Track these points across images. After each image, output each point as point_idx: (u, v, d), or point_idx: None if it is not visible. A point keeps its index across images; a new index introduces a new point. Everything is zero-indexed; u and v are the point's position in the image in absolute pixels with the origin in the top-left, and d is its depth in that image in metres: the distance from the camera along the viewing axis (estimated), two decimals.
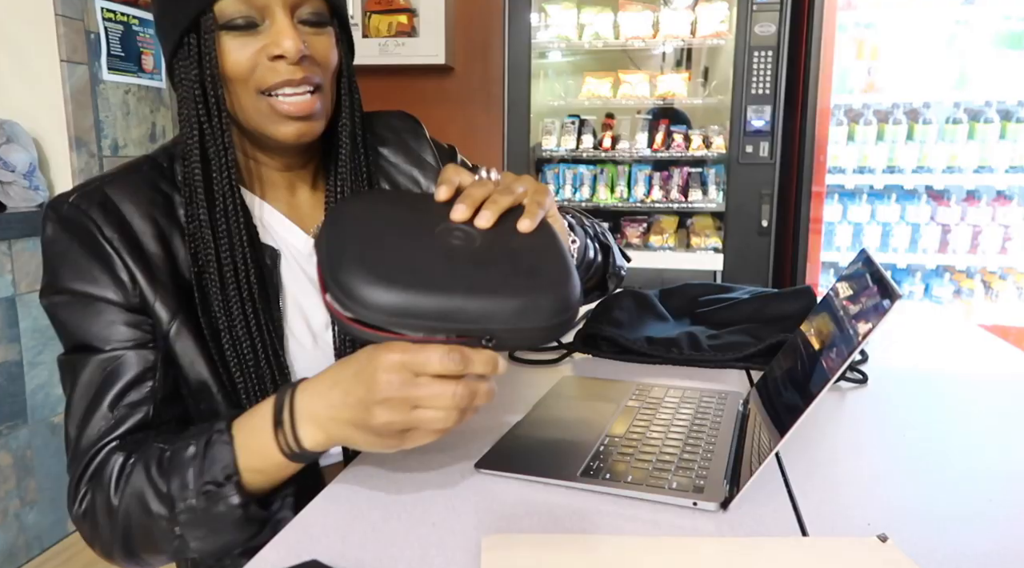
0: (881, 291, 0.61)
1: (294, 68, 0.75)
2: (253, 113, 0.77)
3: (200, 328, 0.75)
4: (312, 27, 0.77)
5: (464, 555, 0.55)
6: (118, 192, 0.76)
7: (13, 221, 1.97)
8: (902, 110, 2.80)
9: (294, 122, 0.77)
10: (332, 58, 0.79)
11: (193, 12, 0.73)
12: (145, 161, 0.81)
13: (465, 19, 3.15)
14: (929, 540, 0.57)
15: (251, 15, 0.74)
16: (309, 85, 0.76)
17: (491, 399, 0.59)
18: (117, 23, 2.35)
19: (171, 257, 0.76)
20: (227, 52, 0.74)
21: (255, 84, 0.75)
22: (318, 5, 0.77)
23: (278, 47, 0.73)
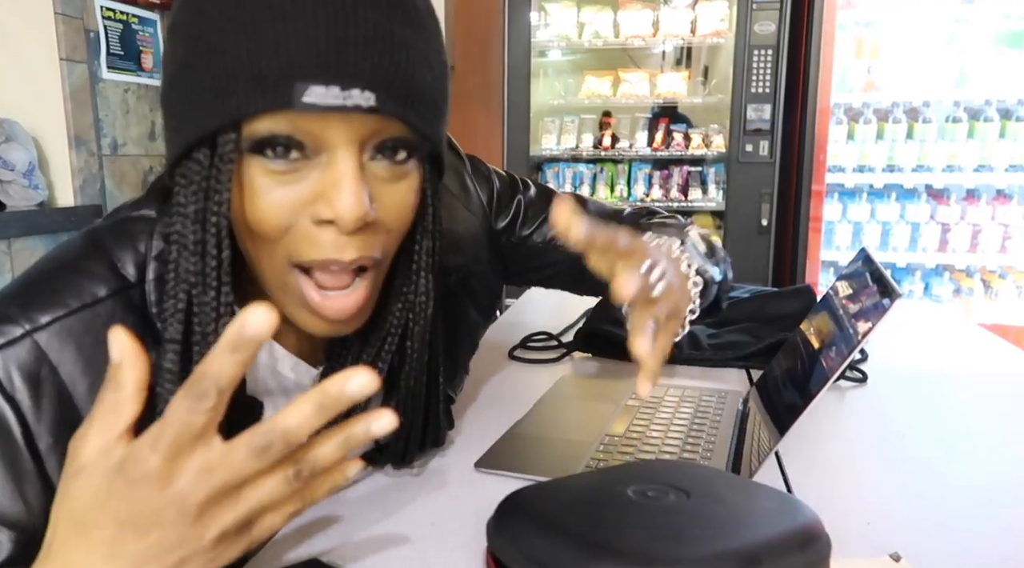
0: (881, 290, 0.61)
1: (347, 239, 0.50)
2: (275, 285, 0.53)
3: None
4: (390, 165, 0.51)
5: (464, 555, 0.55)
6: (57, 346, 0.51)
7: (12, 220, 1.97)
8: (902, 109, 2.80)
9: (327, 321, 0.54)
10: (408, 216, 0.54)
11: (213, 123, 0.47)
12: (98, 267, 0.54)
13: (465, 18, 3.15)
14: (929, 540, 0.57)
15: (297, 138, 0.48)
16: (362, 266, 0.52)
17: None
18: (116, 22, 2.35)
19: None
20: (252, 191, 0.49)
21: (285, 252, 0.51)
22: (404, 132, 0.50)
23: (329, 206, 0.48)
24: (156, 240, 0.56)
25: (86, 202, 2.23)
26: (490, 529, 0.51)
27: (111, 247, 0.55)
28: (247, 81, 0.46)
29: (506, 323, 1.31)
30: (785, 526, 0.48)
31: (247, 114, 0.47)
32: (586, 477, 0.60)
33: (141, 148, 2.49)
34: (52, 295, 0.52)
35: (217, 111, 0.47)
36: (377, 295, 0.57)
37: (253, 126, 0.47)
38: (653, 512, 0.49)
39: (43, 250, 2.05)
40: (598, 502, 0.51)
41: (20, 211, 2.02)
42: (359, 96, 0.46)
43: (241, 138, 0.48)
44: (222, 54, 0.47)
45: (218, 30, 0.47)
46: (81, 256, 0.55)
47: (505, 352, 1.10)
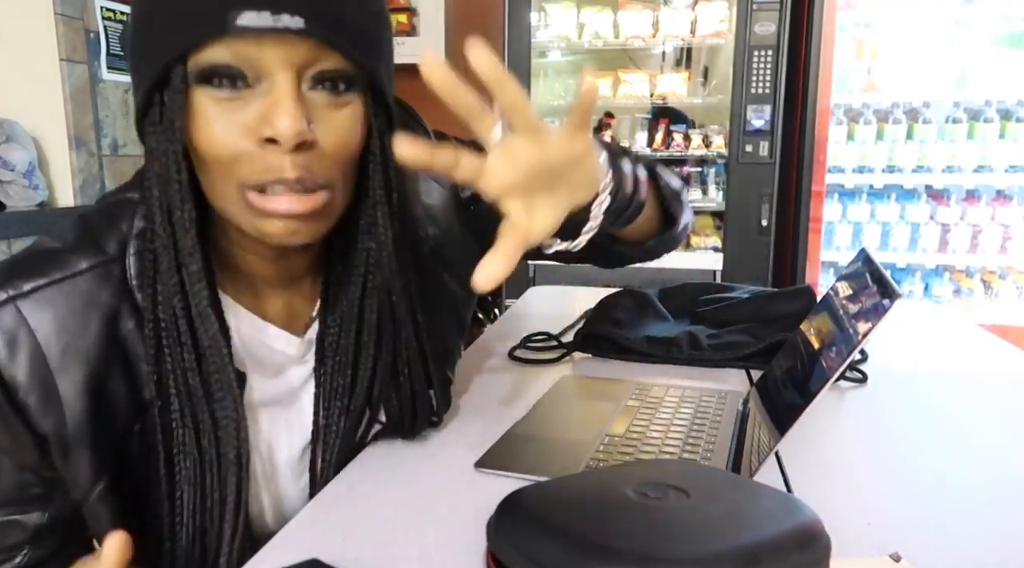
0: (881, 290, 0.61)
1: (290, 159, 0.53)
2: (231, 206, 0.56)
3: (125, 493, 0.60)
4: (330, 94, 0.55)
5: (464, 554, 0.55)
6: (37, 313, 0.56)
7: (12, 220, 1.97)
8: (902, 110, 2.80)
9: (284, 220, 0.56)
10: (351, 143, 0.57)
11: (162, 61, 0.52)
12: (83, 245, 0.59)
13: (465, 18, 3.15)
14: (929, 540, 0.57)
15: (240, 69, 0.52)
16: (307, 187, 0.55)
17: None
18: (116, 22, 2.35)
19: (100, 405, 0.58)
20: (200, 119, 0.53)
21: (237, 175, 0.54)
22: (341, 63, 0.54)
23: (270, 125, 0.52)
24: (137, 220, 0.60)
25: (86, 202, 2.23)
26: (490, 529, 0.51)
27: (96, 226, 0.60)
28: (189, 16, 0.51)
29: (506, 323, 1.31)
30: (785, 526, 0.48)
31: (191, 45, 0.51)
32: (586, 477, 0.60)
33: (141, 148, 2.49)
34: (37, 267, 0.57)
35: (165, 47, 0.52)
36: (335, 218, 0.60)
37: (198, 58, 0.52)
38: (653, 512, 0.49)
39: None
40: (598, 502, 0.51)
41: (20, 211, 2.02)
42: (288, 20, 0.51)
43: (188, 72, 0.52)
44: (165, 1, 0.53)
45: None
46: (68, 236, 0.60)
47: (505, 352, 1.10)
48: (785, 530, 0.47)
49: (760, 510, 0.50)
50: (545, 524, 0.48)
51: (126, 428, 0.59)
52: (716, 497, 0.51)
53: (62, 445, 0.57)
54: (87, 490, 0.58)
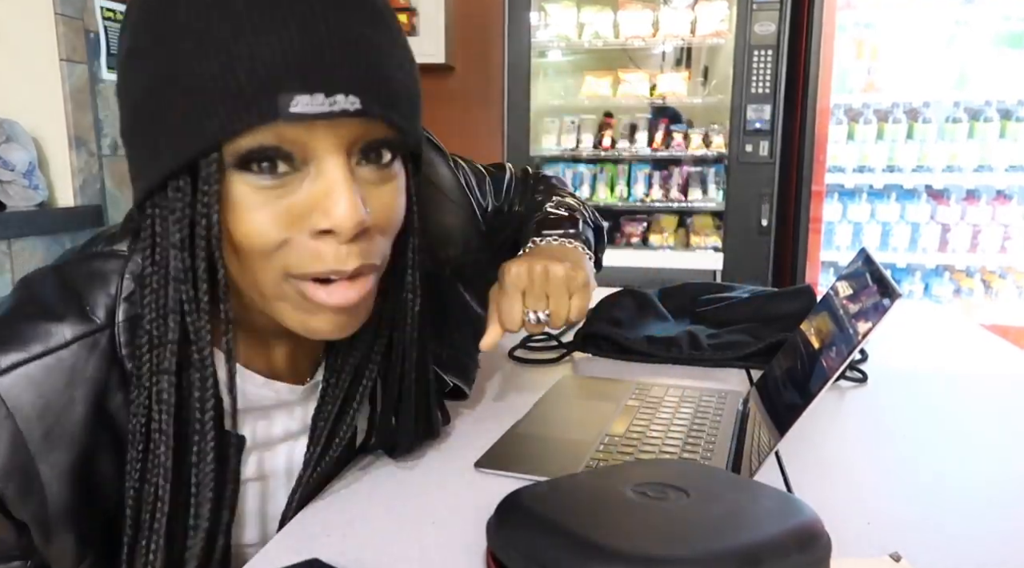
0: (881, 290, 0.61)
1: (346, 249, 0.49)
2: (271, 298, 0.52)
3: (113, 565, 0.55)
4: (376, 168, 0.51)
5: (464, 554, 0.55)
6: (16, 391, 0.50)
7: (12, 220, 1.97)
8: (902, 109, 2.80)
9: (333, 314, 0.52)
10: (399, 217, 0.54)
11: (194, 147, 0.46)
12: (67, 311, 0.53)
13: (465, 18, 3.15)
14: (929, 540, 0.57)
15: (284, 149, 0.47)
16: (364, 274, 0.52)
17: None
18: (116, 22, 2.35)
19: (86, 489, 0.53)
20: (240, 208, 0.48)
21: (281, 266, 0.50)
22: (387, 132, 0.50)
23: (326, 216, 0.48)
24: (127, 280, 0.55)
25: (86, 203, 2.23)
26: (490, 529, 0.51)
27: (81, 288, 0.54)
28: (227, 99, 0.45)
29: None
30: (785, 526, 0.48)
31: (233, 133, 0.45)
32: (586, 477, 0.60)
33: None
34: (17, 339, 0.51)
35: (198, 134, 0.46)
36: (375, 292, 0.57)
37: (237, 143, 0.46)
38: (653, 512, 0.49)
39: (43, 250, 2.04)
40: (598, 502, 0.51)
41: (20, 211, 2.02)
42: (344, 101, 0.46)
43: (223, 158, 0.46)
44: (194, 75, 0.45)
45: (184, 53, 0.45)
46: (51, 297, 0.54)
47: (505, 352, 1.10)
48: (785, 530, 0.47)
49: (760, 510, 0.50)
50: (545, 524, 0.48)
51: (114, 506, 0.54)
52: (716, 497, 0.51)
53: (43, 530, 0.52)
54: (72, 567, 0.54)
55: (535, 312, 0.74)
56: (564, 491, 0.54)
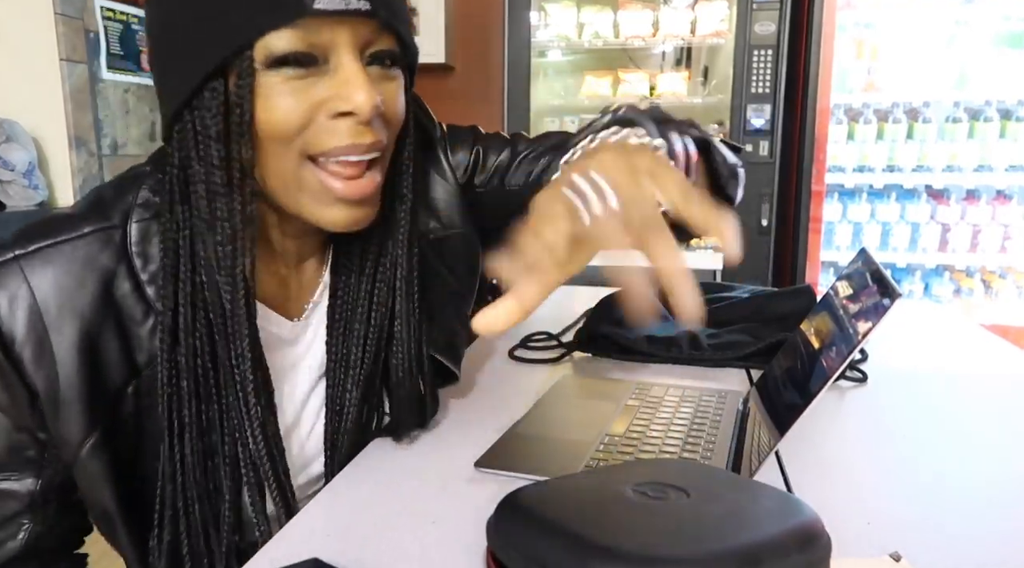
0: (881, 290, 0.61)
1: (363, 129, 0.58)
2: (292, 186, 0.59)
3: (116, 450, 0.61)
4: (382, 68, 0.60)
5: (464, 554, 0.55)
6: (39, 272, 0.59)
7: (12, 220, 1.97)
8: (902, 109, 2.80)
9: (347, 207, 0.60)
10: (401, 110, 0.63)
11: (230, 46, 0.53)
12: (89, 212, 0.62)
13: (465, 18, 3.15)
14: (929, 540, 0.57)
15: (310, 52, 0.55)
16: (376, 152, 0.60)
17: None
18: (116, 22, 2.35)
19: (93, 363, 0.60)
20: (270, 100, 0.55)
21: (302, 147, 0.57)
22: (391, 43, 0.60)
23: (346, 100, 0.56)
24: (144, 190, 0.63)
25: None
26: (490, 529, 0.51)
27: (106, 196, 0.64)
28: (257, 1, 0.53)
29: None
30: (785, 526, 0.48)
31: (264, 29, 0.53)
32: (586, 477, 0.60)
33: (141, 148, 2.49)
34: (45, 230, 0.60)
35: (231, 34, 0.53)
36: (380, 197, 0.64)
37: (267, 44, 0.54)
38: (653, 512, 0.49)
39: None
40: (598, 502, 0.51)
41: (20, 211, 2.02)
42: (357, 2, 0.55)
43: (255, 57, 0.54)
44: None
45: None
46: (80, 205, 0.64)
47: (505, 352, 1.10)
48: (785, 530, 0.47)
49: (760, 510, 0.50)
50: (545, 524, 0.48)
51: (119, 388, 0.61)
52: (716, 497, 0.51)
53: (53, 400, 0.59)
54: (77, 446, 0.60)
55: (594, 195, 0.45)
56: (564, 491, 0.54)
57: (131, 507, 0.63)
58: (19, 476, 0.63)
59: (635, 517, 0.49)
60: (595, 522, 0.48)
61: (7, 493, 0.64)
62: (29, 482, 0.64)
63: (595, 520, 0.49)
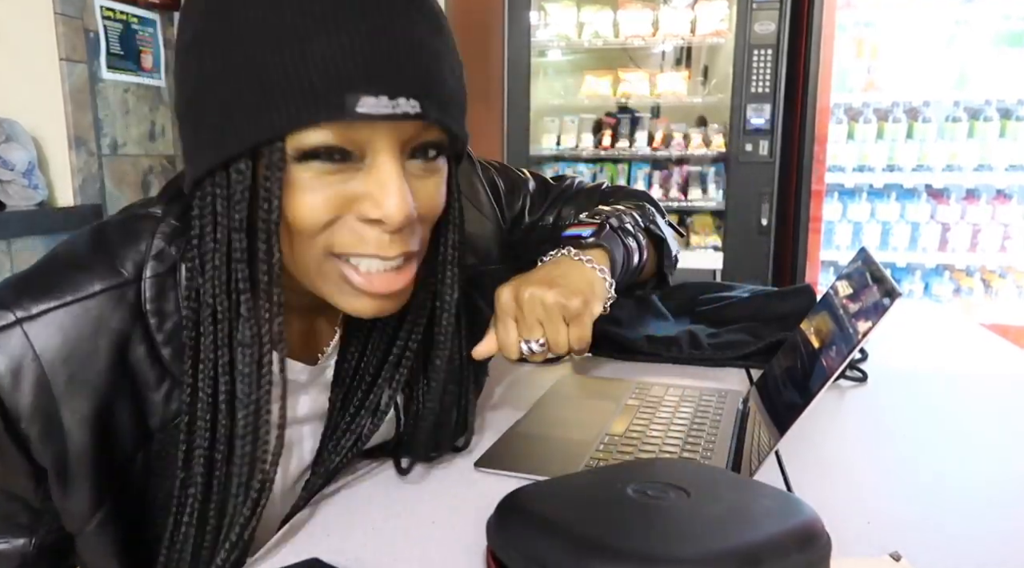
0: (881, 289, 0.61)
1: (390, 237, 0.53)
2: (313, 274, 0.55)
3: (124, 518, 0.58)
4: (423, 162, 0.54)
5: (464, 553, 0.55)
6: (45, 338, 0.53)
7: (12, 220, 1.97)
8: (902, 109, 2.80)
9: (373, 299, 0.55)
10: (439, 207, 0.58)
11: (261, 136, 0.48)
12: (98, 263, 0.56)
13: (464, 18, 3.15)
14: (929, 539, 0.57)
15: (345, 148, 0.50)
16: (404, 260, 0.55)
17: None
18: (116, 21, 2.35)
19: (104, 435, 0.55)
20: (296, 191, 0.50)
21: (325, 244, 0.53)
22: (439, 135, 0.54)
23: (377, 206, 0.51)
24: (158, 239, 0.57)
25: (86, 202, 2.23)
26: (490, 528, 0.51)
27: (114, 244, 0.57)
28: (297, 93, 0.47)
29: None
30: (785, 525, 0.48)
31: (299, 125, 0.48)
32: (586, 476, 0.60)
33: (141, 148, 2.49)
34: (48, 287, 0.54)
35: (266, 123, 0.48)
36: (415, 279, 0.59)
37: (301, 137, 0.49)
38: (653, 511, 0.49)
39: (43, 250, 2.04)
40: (598, 501, 0.51)
41: (20, 211, 2.02)
42: (406, 104, 0.49)
43: (286, 148, 0.49)
44: (266, 66, 0.47)
45: (258, 43, 0.48)
46: (84, 251, 0.57)
47: None
48: (785, 529, 0.47)
49: (760, 509, 0.50)
50: (545, 523, 0.48)
51: (129, 457, 0.57)
52: (716, 496, 0.51)
53: (62, 477, 0.54)
54: (85, 520, 0.56)
55: (528, 343, 0.68)
56: (564, 490, 0.54)
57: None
58: (11, 539, 0.59)
59: (635, 517, 0.49)
60: (595, 522, 0.48)
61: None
62: (21, 544, 0.59)
63: (595, 520, 0.49)
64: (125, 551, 0.58)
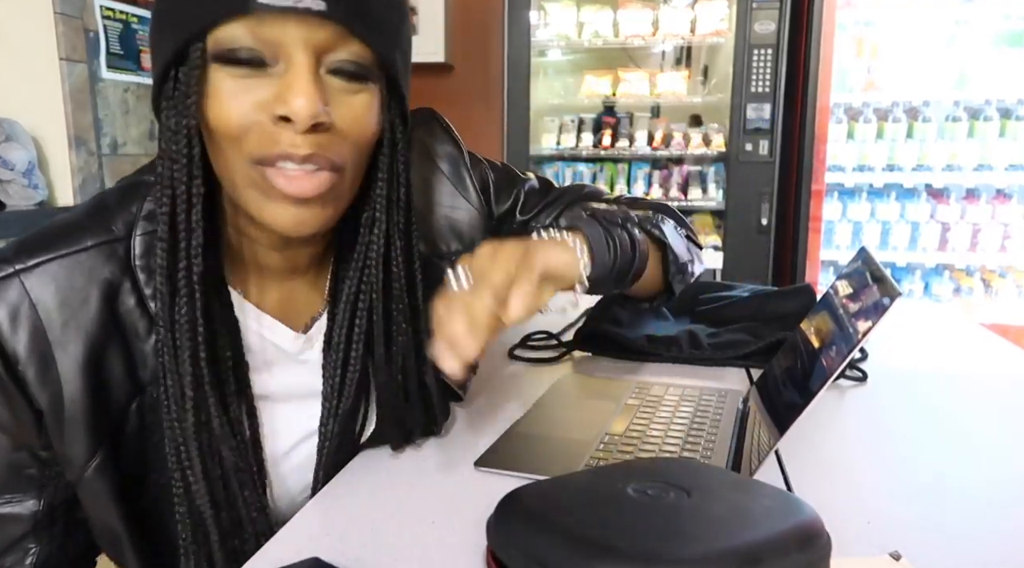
0: (881, 289, 0.61)
1: (302, 138, 0.53)
2: (240, 184, 0.56)
3: (121, 468, 0.60)
4: (347, 81, 0.55)
5: (464, 553, 0.55)
6: (41, 287, 0.57)
7: (12, 220, 1.97)
8: (902, 108, 2.80)
9: (292, 206, 0.56)
10: (367, 127, 0.57)
11: (182, 37, 0.52)
12: (92, 223, 0.60)
13: (464, 17, 3.15)
14: (929, 539, 0.57)
15: (259, 50, 0.52)
16: (317, 165, 0.55)
17: None
18: (116, 21, 2.35)
19: (97, 381, 0.58)
20: (216, 95, 0.53)
21: (247, 150, 0.54)
22: (360, 52, 0.55)
23: (285, 104, 0.52)
24: (148, 201, 0.61)
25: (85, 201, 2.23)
26: (490, 528, 0.51)
27: (109, 205, 0.62)
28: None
29: None
30: (785, 525, 0.48)
31: (210, 23, 0.51)
32: (586, 476, 0.60)
33: (141, 148, 2.49)
34: (46, 242, 0.59)
35: (184, 24, 0.52)
36: (343, 205, 0.60)
37: (217, 36, 0.52)
38: (653, 511, 0.49)
39: None
40: (598, 500, 0.51)
41: (20, 211, 2.02)
42: (310, 1, 0.51)
43: (206, 49, 0.52)
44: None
45: None
46: (82, 213, 0.61)
47: (505, 351, 1.10)
48: (785, 529, 0.47)
49: (760, 509, 0.50)
50: (545, 523, 0.48)
51: (122, 406, 0.60)
52: (716, 496, 0.51)
53: (58, 420, 0.57)
54: (82, 466, 0.59)
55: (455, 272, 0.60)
56: (564, 490, 0.54)
57: (138, 526, 0.62)
58: (21, 497, 0.62)
59: (635, 516, 0.49)
60: (595, 521, 0.48)
61: (10, 517, 0.62)
62: (31, 504, 0.62)
63: (595, 519, 0.49)
64: (124, 498, 0.61)
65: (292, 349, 0.68)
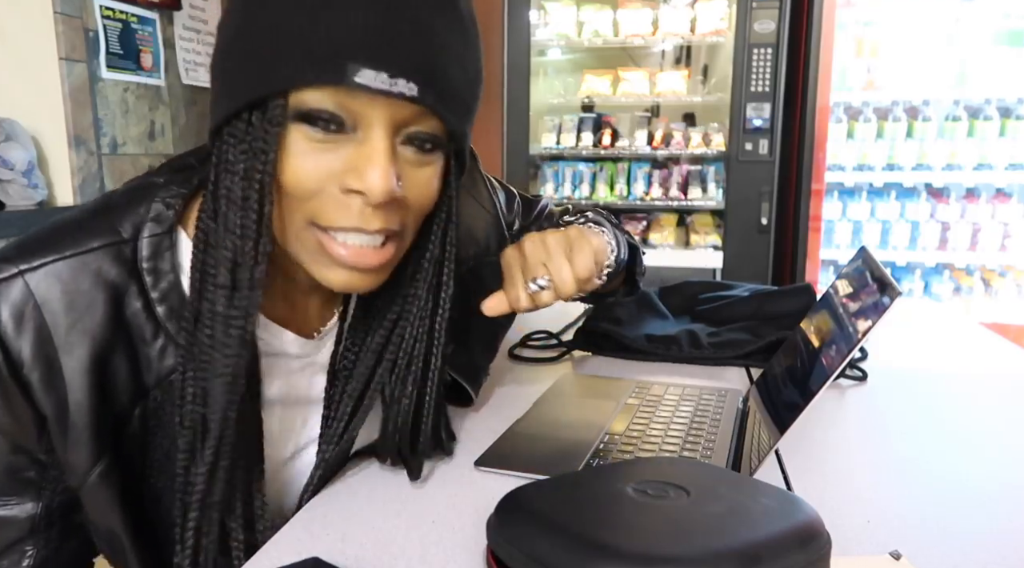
0: (881, 288, 0.61)
1: (372, 212, 0.54)
2: (294, 241, 0.57)
3: (124, 472, 0.59)
4: (418, 152, 0.56)
5: (464, 553, 0.55)
6: (44, 286, 0.55)
7: (12, 220, 1.97)
8: (902, 107, 2.80)
9: (349, 271, 0.57)
10: (431, 198, 0.59)
11: (265, 90, 0.51)
12: (98, 223, 0.59)
13: None
14: (929, 539, 0.57)
15: (341, 116, 0.52)
16: (384, 237, 0.56)
17: None
18: (116, 21, 2.35)
19: (102, 386, 0.57)
20: (291, 155, 0.53)
21: (308, 211, 0.54)
22: (436, 126, 0.55)
23: (360, 179, 0.52)
24: (157, 203, 0.60)
25: (85, 201, 2.23)
26: (490, 527, 0.51)
27: (116, 207, 0.60)
28: (304, 56, 0.50)
29: None
30: (785, 524, 0.48)
31: (301, 84, 0.51)
32: (586, 475, 0.60)
33: (140, 147, 2.49)
34: (50, 242, 0.57)
35: (270, 80, 0.51)
36: (396, 263, 0.61)
37: (302, 97, 0.51)
38: (653, 510, 0.49)
39: None
40: (598, 500, 0.51)
41: (19, 210, 2.02)
42: (404, 85, 0.51)
43: (288, 106, 0.52)
44: (282, 28, 0.51)
45: (281, 6, 0.51)
46: (88, 214, 0.60)
47: (505, 351, 1.10)
48: (785, 528, 0.47)
49: (760, 508, 0.50)
50: (545, 522, 0.48)
51: (127, 410, 0.59)
52: (716, 495, 0.51)
53: (62, 425, 0.56)
54: (86, 472, 0.57)
55: (533, 281, 0.68)
56: (564, 489, 0.54)
57: (140, 529, 0.61)
58: (18, 500, 0.61)
59: (635, 516, 0.49)
60: (595, 521, 0.48)
61: (7, 520, 0.61)
62: (29, 507, 0.61)
63: (595, 519, 0.49)
64: (127, 504, 0.60)
65: (297, 352, 0.67)
